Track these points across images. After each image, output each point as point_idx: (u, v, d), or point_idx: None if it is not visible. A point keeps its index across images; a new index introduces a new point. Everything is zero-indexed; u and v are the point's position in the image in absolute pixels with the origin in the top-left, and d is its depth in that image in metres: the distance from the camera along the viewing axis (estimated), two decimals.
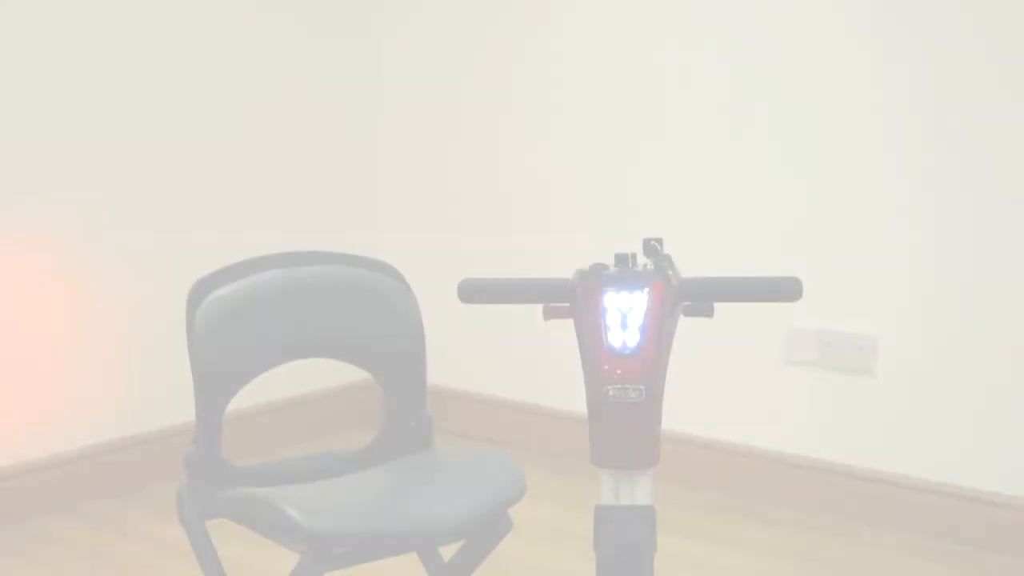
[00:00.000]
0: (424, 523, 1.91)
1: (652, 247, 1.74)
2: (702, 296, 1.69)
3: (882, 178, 3.28)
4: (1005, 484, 3.17)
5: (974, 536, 3.19)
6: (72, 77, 3.40)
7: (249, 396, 3.64)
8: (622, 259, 1.69)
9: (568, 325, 1.73)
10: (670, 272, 1.69)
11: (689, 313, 1.74)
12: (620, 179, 3.69)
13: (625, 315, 1.64)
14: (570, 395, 3.77)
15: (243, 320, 2.06)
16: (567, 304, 1.71)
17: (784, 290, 1.68)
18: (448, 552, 2.20)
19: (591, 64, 3.71)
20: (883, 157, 3.27)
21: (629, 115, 3.65)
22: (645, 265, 1.71)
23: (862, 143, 3.29)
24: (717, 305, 1.76)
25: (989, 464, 3.19)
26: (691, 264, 2.29)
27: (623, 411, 1.63)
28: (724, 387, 3.58)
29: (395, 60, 4.09)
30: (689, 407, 3.60)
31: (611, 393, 1.63)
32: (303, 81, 3.93)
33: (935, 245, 3.23)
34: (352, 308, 2.16)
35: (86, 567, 3.10)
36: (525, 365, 3.93)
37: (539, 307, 1.78)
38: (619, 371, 1.63)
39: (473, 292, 1.72)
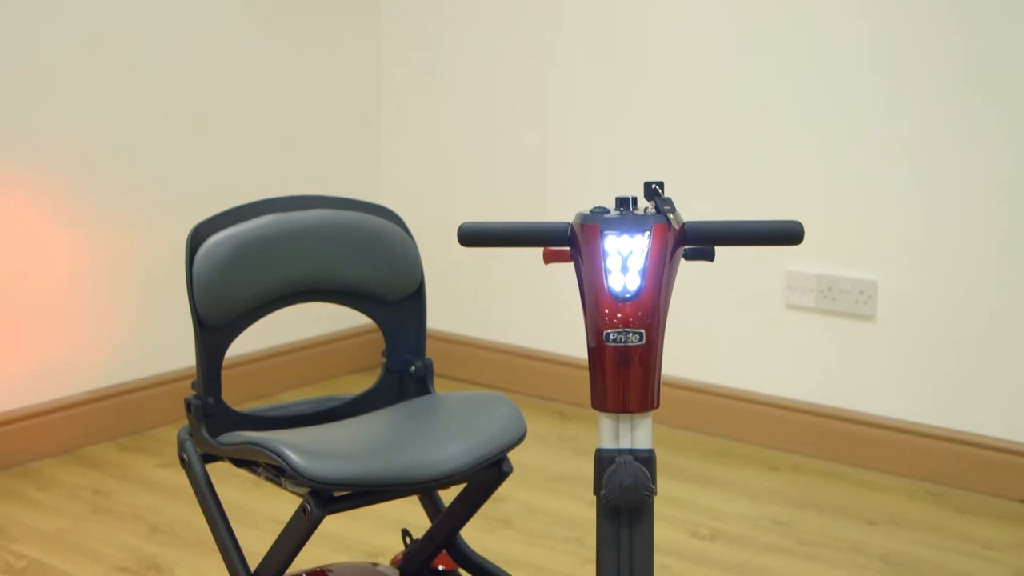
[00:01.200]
0: (424, 467, 1.91)
1: (653, 190, 1.73)
2: (704, 240, 1.69)
3: (884, 122, 3.26)
4: (1004, 429, 3.18)
5: (972, 480, 3.20)
6: (71, 18, 3.37)
7: (249, 342, 3.67)
8: (623, 202, 1.69)
9: (569, 270, 1.72)
10: (671, 215, 1.68)
11: (690, 257, 1.74)
12: (620, 123, 3.67)
13: (626, 259, 1.64)
14: (570, 341, 3.79)
15: (242, 265, 2.06)
16: (567, 248, 1.71)
17: (786, 233, 1.67)
18: (448, 496, 2.21)
19: (590, 5, 3.68)
20: (885, 101, 3.25)
21: (629, 58, 3.63)
22: (646, 209, 1.70)
23: (863, 86, 3.28)
24: (718, 249, 1.75)
25: (988, 409, 3.20)
26: (691, 209, 2.28)
27: (623, 355, 1.63)
28: (723, 332, 3.58)
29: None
30: (688, 352, 3.61)
31: (611, 338, 1.63)
32: (299, 25, 3.90)
33: (936, 190, 3.22)
34: (351, 252, 2.15)
35: (88, 511, 3.11)
36: (525, 311, 3.93)
37: (539, 252, 1.78)
38: (619, 315, 1.63)
39: (472, 236, 1.71)
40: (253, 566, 2.04)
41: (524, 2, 3.82)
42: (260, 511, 3.02)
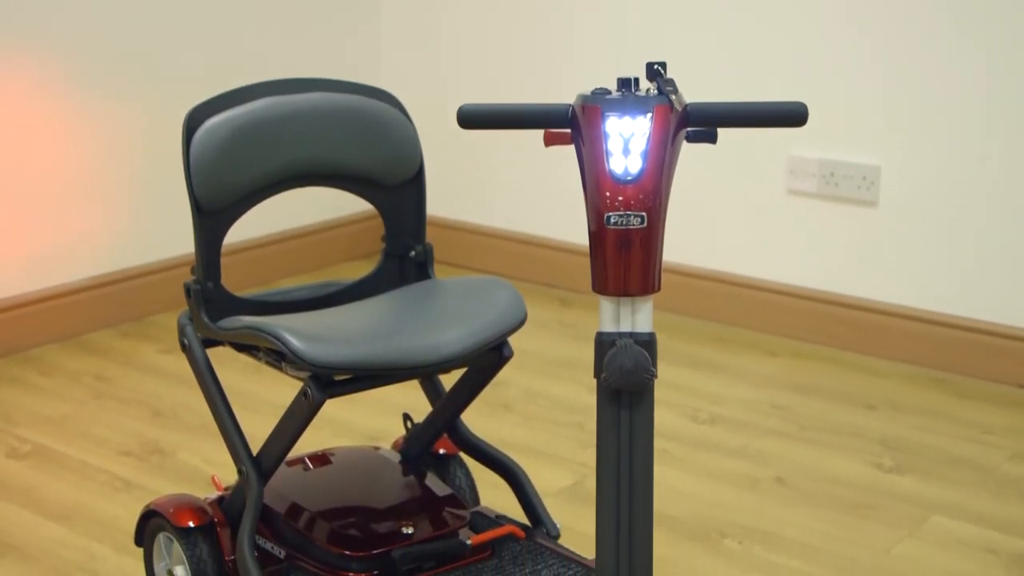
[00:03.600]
0: (424, 351, 1.91)
1: (655, 71, 1.71)
2: (706, 121, 1.66)
3: (889, 4, 3.21)
4: (1005, 314, 3.19)
5: (973, 365, 3.22)
6: None
7: (249, 229, 3.66)
8: (624, 83, 1.66)
9: (570, 155, 1.70)
10: (674, 97, 1.65)
11: (693, 139, 1.72)
12: (622, 3, 3.61)
13: (627, 141, 1.62)
14: (571, 226, 3.78)
15: (239, 148, 2.04)
16: (568, 130, 1.69)
17: (790, 115, 1.65)
18: (449, 380, 2.22)
19: None
20: None
21: None
22: (648, 90, 1.68)
23: None
24: (720, 132, 1.73)
25: (989, 295, 3.20)
26: (693, 91, 2.26)
27: (624, 238, 1.61)
28: (724, 217, 3.57)
29: None
30: (689, 237, 3.60)
31: (612, 220, 1.61)
32: None
33: (941, 75, 3.18)
34: (350, 136, 2.13)
35: (91, 396, 3.13)
36: (526, 197, 3.91)
37: (540, 135, 1.76)
38: (620, 198, 1.61)
39: (472, 118, 1.68)
40: (255, 450, 2.05)
41: None
42: (261, 396, 3.04)
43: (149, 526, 2.17)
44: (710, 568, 2.39)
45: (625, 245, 1.62)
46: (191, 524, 2.07)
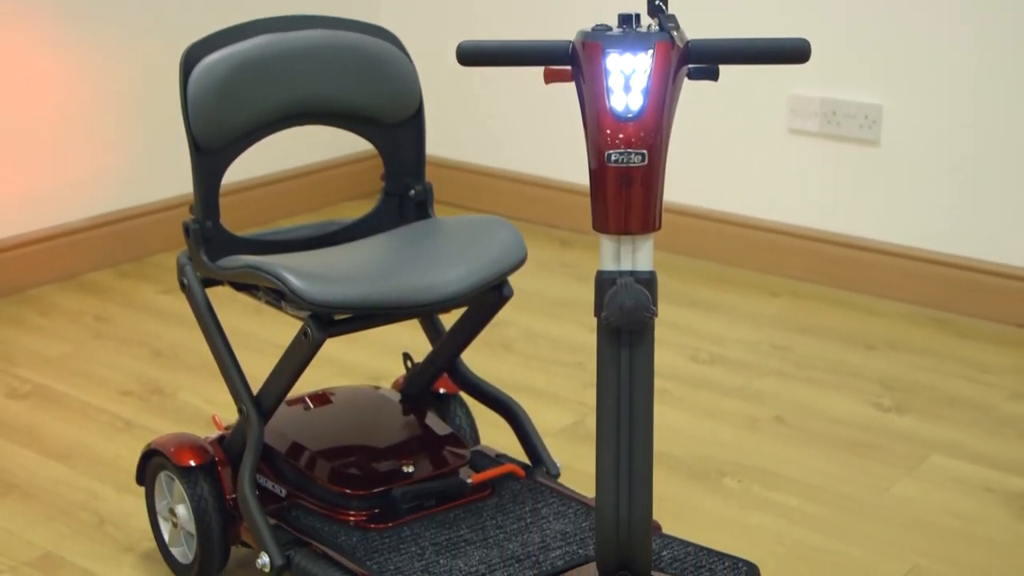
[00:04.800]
0: (424, 290, 1.91)
1: (657, 7, 1.69)
2: (707, 58, 1.65)
3: None
4: (1006, 254, 3.18)
5: (973, 305, 3.21)
6: None
7: (248, 168, 3.64)
8: (626, 20, 1.65)
9: (570, 93, 1.69)
10: (675, 33, 1.64)
11: (694, 76, 1.70)
12: None
13: (628, 78, 1.61)
14: (572, 166, 3.76)
15: (237, 86, 2.02)
16: (568, 67, 1.67)
17: (792, 51, 1.64)
18: (449, 320, 2.21)
19: None
20: None
21: None
22: (649, 26, 1.66)
23: None
24: (721, 71, 1.72)
25: (990, 234, 3.19)
26: (694, 28, 2.24)
27: (625, 176, 1.61)
28: (725, 157, 3.55)
29: None
30: (689, 177, 3.59)
31: (613, 158, 1.60)
32: None
33: (944, 13, 3.15)
34: (349, 74, 2.11)
35: (91, 336, 3.13)
36: (526, 136, 3.90)
37: (540, 73, 1.74)
38: (621, 136, 1.60)
39: (471, 54, 1.67)
40: (255, 389, 2.05)
41: None
42: (261, 336, 3.04)
43: (150, 465, 2.18)
44: (709, 506, 2.40)
45: (626, 183, 1.61)
46: (192, 463, 2.08)
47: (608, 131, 1.60)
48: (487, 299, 2.06)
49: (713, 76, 1.70)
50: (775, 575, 2.18)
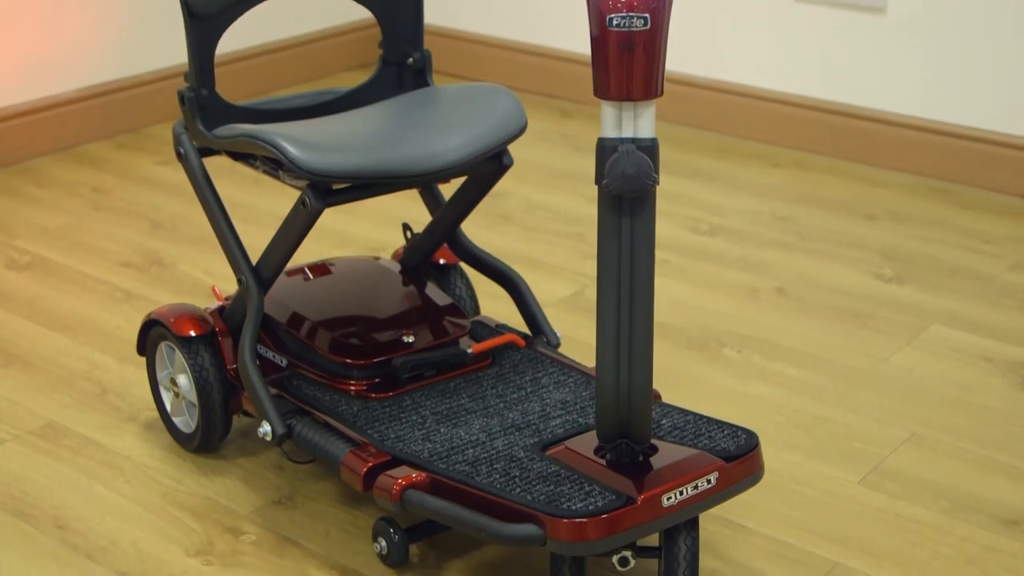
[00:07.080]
0: (423, 159, 1.89)
1: None
2: None
3: None
4: (1010, 124, 3.15)
5: (975, 176, 3.19)
6: None
7: (244, 37, 3.59)
8: None
9: None
10: None
11: None
12: None
13: None
14: (573, 34, 3.71)
15: None
16: None
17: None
18: (448, 190, 2.20)
19: None
20: None
21: None
22: None
23: None
24: None
25: (994, 104, 3.16)
26: None
27: (627, 41, 1.58)
28: (728, 25, 3.50)
29: None
30: (691, 46, 3.54)
31: (615, 23, 1.57)
32: None
33: None
34: None
35: (89, 208, 3.12)
36: (526, 2, 3.84)
37: None
38: None
39: None
40: (254, 260, 2.04)
41: None
42: (259, 207, 3.02)
43: (151, 335, 2.18)
44: (709, 376, 2.41)
45: (628, 47, 1.58)
46: (192, 333, 2.08)
47: None
48: (487, 168, 2.04)
49: None
50: (774, 443, 2.20)
